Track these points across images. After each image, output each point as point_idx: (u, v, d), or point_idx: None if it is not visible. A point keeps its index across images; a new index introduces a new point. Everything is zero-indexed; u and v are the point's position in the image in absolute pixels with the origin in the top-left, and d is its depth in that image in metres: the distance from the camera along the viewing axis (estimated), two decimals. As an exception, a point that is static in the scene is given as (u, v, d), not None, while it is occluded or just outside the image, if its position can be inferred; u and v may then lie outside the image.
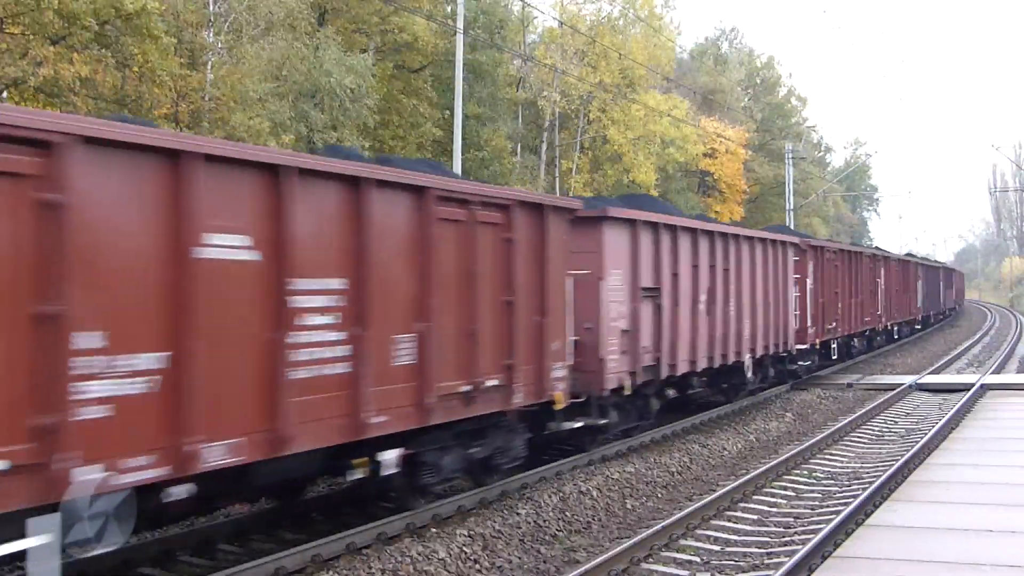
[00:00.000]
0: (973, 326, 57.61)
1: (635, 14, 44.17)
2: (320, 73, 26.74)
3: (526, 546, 10.73)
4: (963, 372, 29.45)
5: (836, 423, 19.44)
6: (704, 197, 54.39)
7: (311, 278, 8.63)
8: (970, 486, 11.70)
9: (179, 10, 22.72)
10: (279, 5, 25.14)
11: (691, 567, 10.06)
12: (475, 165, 34.00)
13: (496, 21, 38.45)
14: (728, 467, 15.69)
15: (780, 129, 66.27)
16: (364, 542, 9.89)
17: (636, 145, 41.78)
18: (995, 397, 21.38)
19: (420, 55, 34.32)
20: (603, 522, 12.05)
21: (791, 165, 52.95)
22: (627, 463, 14.51)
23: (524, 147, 41.68)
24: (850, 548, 9.11)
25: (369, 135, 29.67)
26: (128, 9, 18.47)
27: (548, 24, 44.94)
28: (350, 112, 27.51)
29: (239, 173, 8.00)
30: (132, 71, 20.53)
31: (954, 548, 9.01)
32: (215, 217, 7.71)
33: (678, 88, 48.31)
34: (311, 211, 8.65)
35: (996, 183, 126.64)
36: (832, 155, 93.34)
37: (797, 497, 13.35)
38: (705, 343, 17.71)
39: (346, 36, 30.98)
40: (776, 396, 22.78)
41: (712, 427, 18.41)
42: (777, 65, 76.63)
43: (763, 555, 10.44)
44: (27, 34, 18.59)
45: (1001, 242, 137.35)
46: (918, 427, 18.83)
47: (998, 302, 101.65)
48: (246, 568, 8.75)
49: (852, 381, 26.02)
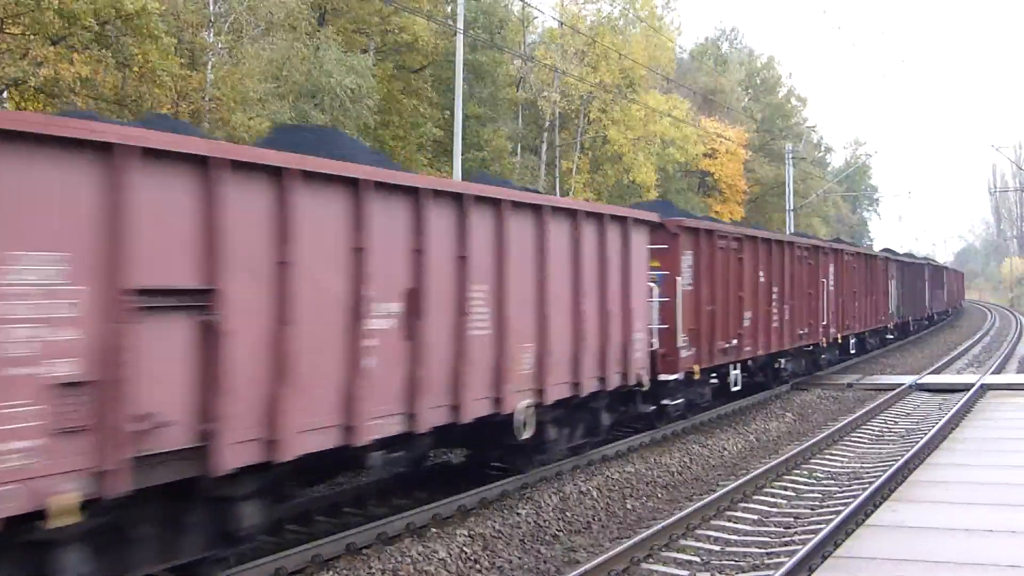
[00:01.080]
0: (973, 326, 57.60)
1: (635, 14, 44.18)
2: (320, 73, 26.75)
3: (526, 546, 10.73)
4: (963, 372, 29.45)
5: (836, 423, 19.44)
6: (704, 197, 54.42)
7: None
8: (970, 486, 11.70)
9: (179, 10, 22.73)
10: (279, 5, 25.15)
11: (691, 567, 10.06)
12: (475, 165, 34.00)
13: (496, 21, 38.47)
14: (728, 467, 15.69)
15: (780, 129, 66.28)
16: (364, 542, 9.89)
17: (636, 145, 41.79)
18: (995, 397, 21.37)
19: (420, 55, 34.33)
20: (603, 522, 12.05)
21: (791, 165, 52.97)
22: (627, 463, 14.52)
23: (524, 147, 41.69)
24: (850, 548, 9.11)
25: (369, 135, 29.69)
26: (128, 9, 18.47)
27: (548, 24, 45.04)
28: (350, 112, 27.52)
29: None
30: (132, 71, 20.55)
31: (954, 548, 9.01)
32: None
33: (678, 88, 48.33)
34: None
35: (996, 183, 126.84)
36: (832, 155, 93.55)
37: (797, 497, 13.35)
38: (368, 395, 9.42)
39: (346, 36, 31.00)
40: (776, 396, 22.78)
41: (712, 427, 18.40)
42: (777, 65, 76.84)
43: (763, 555, 10.45)
44: (27, 34, 18.60)
45: (1001, 242, 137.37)
46: (918, 427, 18.82)
47: (998, 302, 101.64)
48: (246, 568, 8.76)
49: (852, 381, 26.04)
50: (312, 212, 8.50)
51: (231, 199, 7.66)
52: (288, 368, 8.17)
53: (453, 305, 10.46)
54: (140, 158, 6.92)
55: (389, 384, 9.42)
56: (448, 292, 10.39)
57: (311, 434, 8.46)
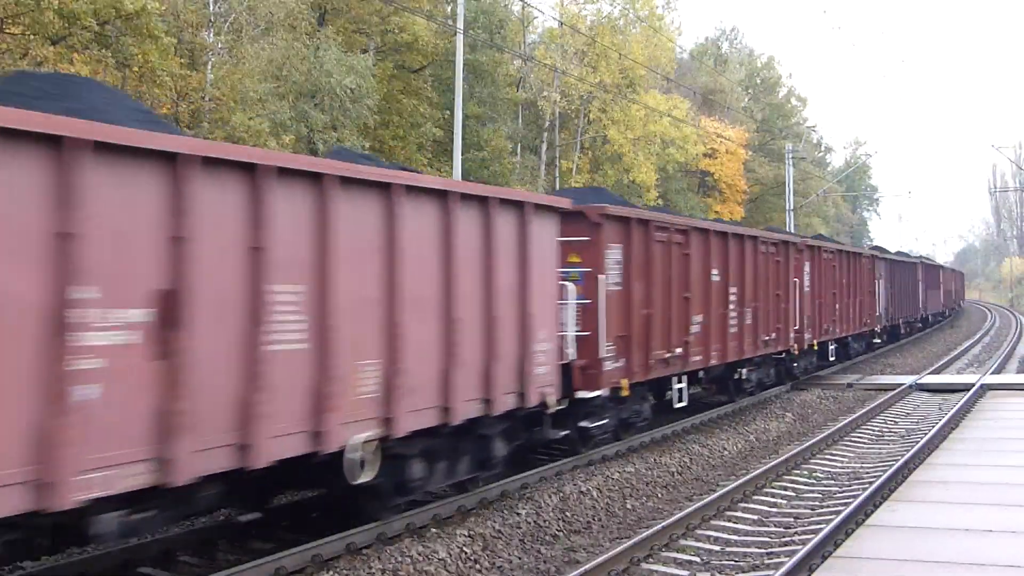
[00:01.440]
0: (973, 326, 57.61)
1: (635, 14, 44.17)
2: (320, 73, 26.75)
3: (526, 546, 10.73)
4: (963, 372, 29.45)
5: (836, 423, 19.44)
6: (704, 197, 54.43)
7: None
8: (970, 486, 11.70)
9: (179, 10, 22.74)
10: (279, 5, 25.16)
11: (691, 567, 10.06)
12: (475, 165, 34.02)
13: (496, 21, 38.46)
14: (728, 467, 15.69)
15: (780, 129, 66.30)
16: (364, 542, 9.89)
17: (636, 145, 41.80)
18: (995, 397, 21.37)
19: (420, 55, 34.33)
20: (603, 522, 12.05)
21: (791, 165, 52.98)
22: (627, 463, 14.51)
23: (524, 147, 41.68)
24: (850, 548, 9.11)
25: (369, 135, 29.70)
26: (128, 9, 18.49)
27: (548, 24, 45.01)
28: (350, 112, 27.53)
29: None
30: (132, 71, 20.55)
31: (954, 548, 9.01)
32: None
33: (678, 88, 48.32)
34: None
35: (996, 183, 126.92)
36: (832, 155, 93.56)
37: (797, 497, 13.35)
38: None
39: (346, 36, 31.00)
40: (776, 396, 22.78)
41: (712, 427, 18.40)
42: (777, 65, 76.77)
43: (763, 555, 10.44)
44: (27, 34, 18.61)
45: (1001, 242, 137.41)
46: (918, 427, 18.82)
47: (998, 302, 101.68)
48: (246, 568, 8.75)
49: (852, 381, 26.03)
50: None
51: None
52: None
53: (241, 312, 7.98)
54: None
55: (124, 421, 6.99)
56: (233, 294, 7.92)
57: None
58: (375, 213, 9.38)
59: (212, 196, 7.67)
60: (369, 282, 9.29)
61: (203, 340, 7.57)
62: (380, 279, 9.45)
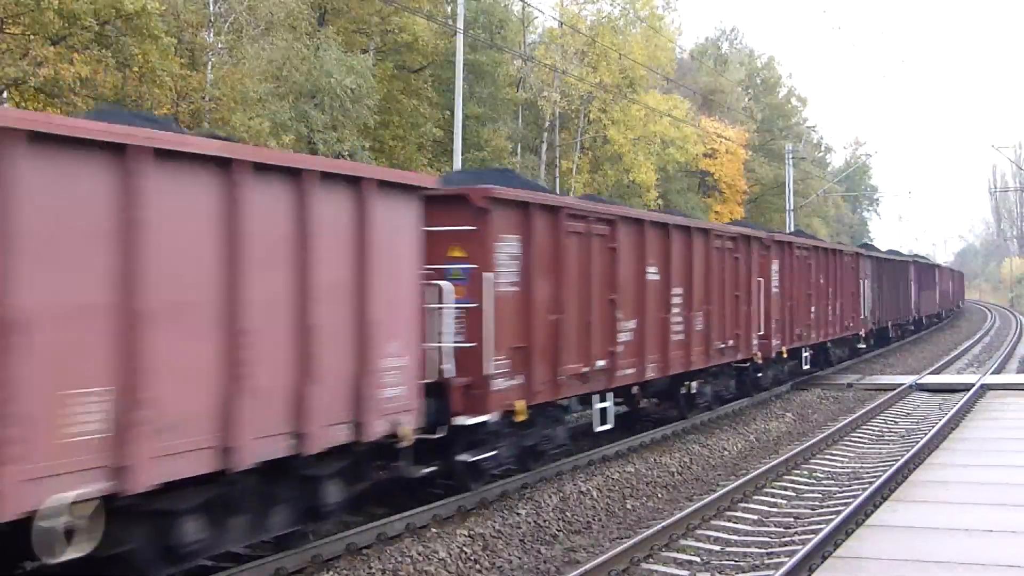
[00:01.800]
0: (973, 327, 57.60)
1: (635, 14, 44.15)
2: (320, 73, 26.74)
3: (526, 546, 10.73)
4: (963, 372, 29.46)
5: (836, 423, 19.44)
6: (704, 197, 54.41)
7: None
8: (970, 486, 11.70)
9: (179, 10, 22.71)
10: (279, 5, 25.15)
11: (691, 567, 10.07)
12: (475, 166, 34.00)
13: (496, 21, 38.46)
14: (728, 467, 15.69)
15: (780, 129, 66.29)
16: (364, 542, 9.89)
17: (636, 145, 41.76)
18: (995, 397, 21.38)
19: (420, 55, 34.33)
20: (603, 522, 12.05)
21: (791, 165, 52.95)
22: (627, 463, 14.52)
23: (524, 147, 41.66)
24: (850, 548, 9.11)
25: (369, 135, 29.68)
26: (128, 9, 18.47)
27: (548, 24, 44.98)
28: (350, 112, 27.51)
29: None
30: (132, 71, 20.53)
31: (954, 548, 9.01)
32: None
33: (678, 88, 48.29)
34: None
35: (996, 183, 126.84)
36: (832, 155, 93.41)
37: (797, 497, 13.35)
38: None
39: (346, 36, 30.98)
40: (776, 396, 22.78)
41: (712, 427, 18.40)
42: (777, 65, 76.74)
43: (763, 555, 10.45)
44: (27, 34, 18.61)
45: (1001, 242, 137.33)
46: (918, 427, 18.83)
47: (998, 302, 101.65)
48: (246, 568, 8.75)
49: (852, 381, 26.03)
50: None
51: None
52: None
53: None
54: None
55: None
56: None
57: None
58: (103, 190, 6.81)
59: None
60: (94, 281, 6.73)
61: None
62: (112, 276, 6.81)
